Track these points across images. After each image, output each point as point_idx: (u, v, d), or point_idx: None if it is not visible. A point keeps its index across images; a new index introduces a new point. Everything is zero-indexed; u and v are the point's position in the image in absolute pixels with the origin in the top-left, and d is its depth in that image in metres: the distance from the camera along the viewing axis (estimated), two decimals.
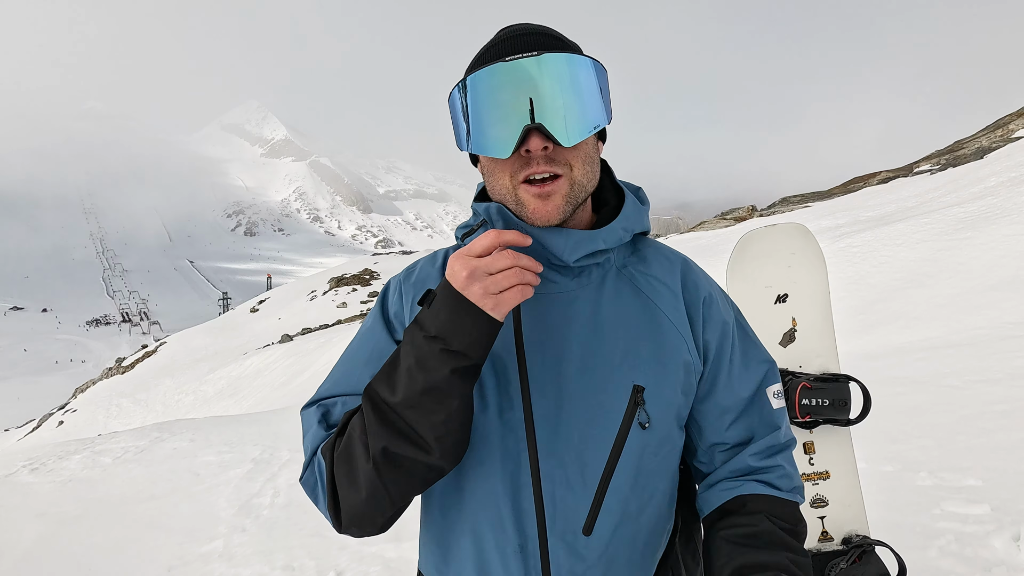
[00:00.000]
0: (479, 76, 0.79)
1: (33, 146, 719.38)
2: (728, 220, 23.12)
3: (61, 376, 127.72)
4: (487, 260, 0.74)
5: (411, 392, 0.74)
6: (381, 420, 0.75)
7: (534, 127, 0.77)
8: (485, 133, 0.80)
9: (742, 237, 1.63)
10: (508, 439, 0.82)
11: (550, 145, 0.79)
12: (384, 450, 0.74)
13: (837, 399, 1.47)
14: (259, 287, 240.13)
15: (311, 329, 25.84)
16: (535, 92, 0.77)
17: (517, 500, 0.82)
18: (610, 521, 0.83)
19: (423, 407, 0.74)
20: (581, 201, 0.85)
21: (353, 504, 0.77)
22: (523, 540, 0.82)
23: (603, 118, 0.82)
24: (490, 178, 0.86)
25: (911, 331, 7.19)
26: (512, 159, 0.81)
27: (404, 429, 0.75)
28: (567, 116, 0.78)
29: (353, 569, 3.32)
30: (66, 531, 4.28)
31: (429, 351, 0.74)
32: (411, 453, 0.75)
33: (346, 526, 0.79)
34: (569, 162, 0.81)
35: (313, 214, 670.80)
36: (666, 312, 0.88)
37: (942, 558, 2.52)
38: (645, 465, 0.84)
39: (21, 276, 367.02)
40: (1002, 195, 10.50)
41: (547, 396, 0.82)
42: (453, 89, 0.84)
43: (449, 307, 0.74)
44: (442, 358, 0.73)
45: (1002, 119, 23.58)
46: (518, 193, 0.82)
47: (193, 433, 7.34)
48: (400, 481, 0.76)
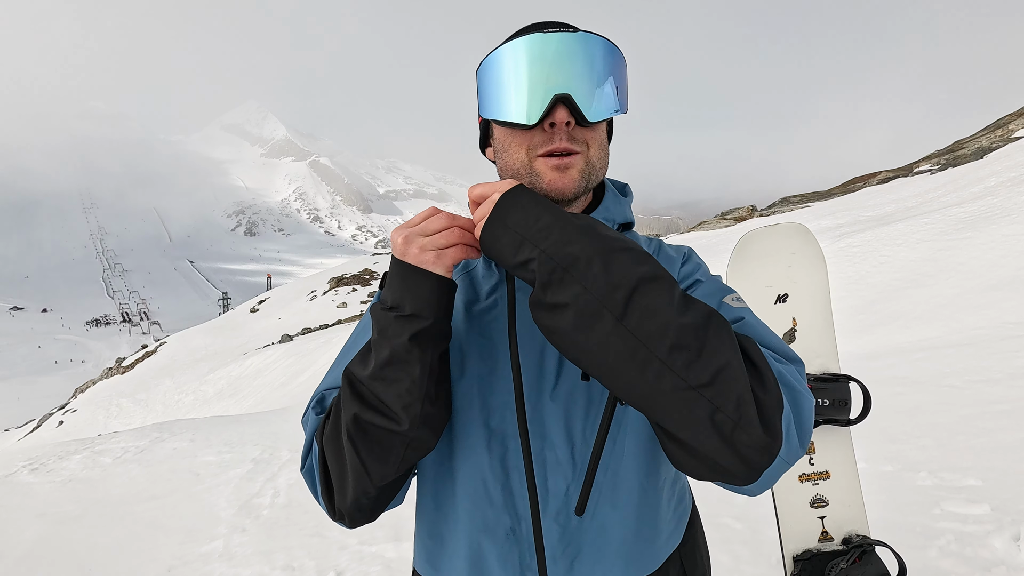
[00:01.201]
0: (515, 44, 0.81)
1: (33, 146, 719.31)
2: (728, 220, 23.13)
3: (61, 376, 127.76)
4: (421, 224, 0.77)
5: (377, 364, 0.76)
6: (353, 393, 0.77)
7: (562, 97, 0.78)
8: (513, 100, 0.81)
9: (742, 237, 1.62)
10: (497, 422, 0.83)
11: (572, 121, 0.80)
12: (355, 418, 0.75)
13: (837, 399, 1.47)
14: (259, 287, 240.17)
15: (311, 329, 25.85)
16: (568, 64, 0.79)
17: (507, 483, 0.82)
18: (603, 501, 0.82)
19: (387, 377, 0.75)
20: (592, 185, 0.86)
21: (341, 487, 0.79)
22: (515, 522, 0.82)
23: (623, 106, 0.85)
24: (504, 153, 0.86)
25: (911, 331, 7.20)
26: (532, 133, 0.82)
27: (373, 401, 0.76)
28: (595, 92, 0.80)
29: (353, 569, 3.32)
30: (66, 531, 4.28)
31: (387, 320, 0.76)
32: (381, 422, 0.75)
33: (337, 511, 0.81)
34: (587, 142, 0.83)
35: (313, 214, 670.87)
36: None
37: (942, 558, 2.52)
38: (635, 442, 0.84)
39: (21, 276, 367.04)
40: (1002, 195, 10.50)
41: (535, 378, 0.83)
42: (486, 57, 0.85)
43: (396, 275, 0.77)
44: (398, 324, 0.75)
45: (1002, 119, 23.59)
46: (534, 166, 0.83)
47: (193, 433, 7.34)
48: (375, 452, 0.76)
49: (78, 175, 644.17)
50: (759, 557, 2.79)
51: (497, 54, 0.83)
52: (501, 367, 0.84)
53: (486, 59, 0.85)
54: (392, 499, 0.85)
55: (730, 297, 0.85)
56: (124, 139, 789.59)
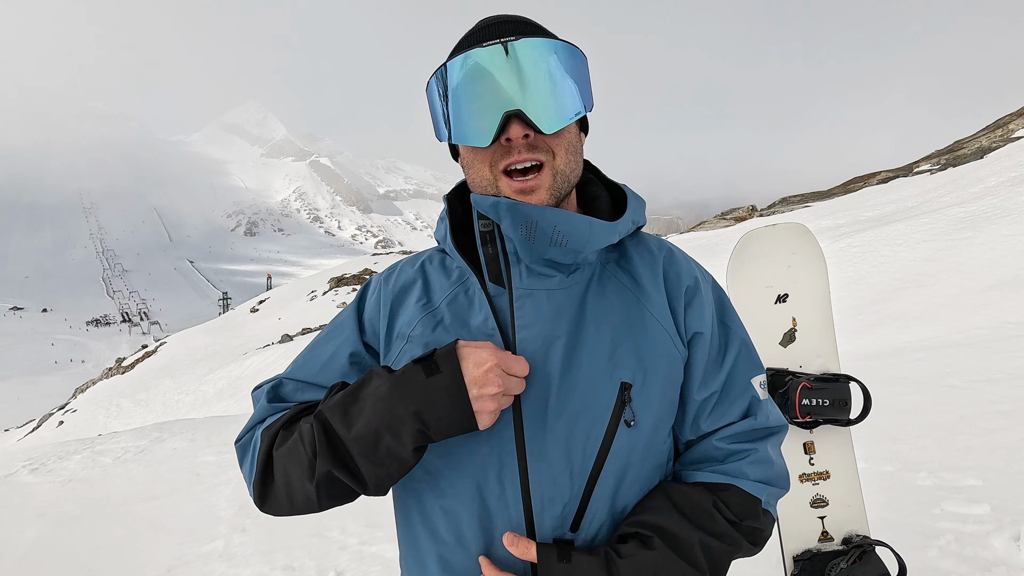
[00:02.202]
0: (455, 63, 0.78)
1: (34, 145, 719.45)
2: (728, 220, 23.13)
3: (61, 376, 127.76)
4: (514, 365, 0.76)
5: (368, 443, 0.74)
6: (331, 449, 0.75)
7: (514, 113, 0.75)
8: (464, 122, 0.78)
9: (742, 237, 1.62)
10: (495, 438, 0.81)
11: (531, 133, 0.78)
12: (328, 474, 0.76)
13: (837, 399, 1.47)
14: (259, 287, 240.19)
15: (311, 329, 25.84)
16: (514, 77, 0.75)
17: (503, 498, 0.81)
18: (599, 518, 0.82)
19: (375, 460, 0.75)
20: (565, 193, 0.83)
21: (279, 497, 0.82)
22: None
23: (583, 105, 0.81)
24: (470, 170, 0.84)
25: (911, 331, 7.20)
26: (492, 148, 0.79)
27: (350, 464, 0.76)
28: (547, 102, 0.76)
29: (353, 569, 3.32)
30: (66, 531, 4.28)
31: (406, 425, 0.73)
32: (351, 483, 0.76)
33: (266, 506, 0.84)
34: (552, 149, 0.80)
35: (313, 214, 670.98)
36: (649, 307, 0.86)
37: (942, 558, 2.52)
38: (634, 463, 0.83)
39: (21, 276, 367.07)
40: (1002, 195, 10.51)
41: (534, 395, 0.81)
42: (430, 78, 0.82)
43: (448, 391, 0.73)
44: (412, 434, 0.73)
45: (1002, 119, 23.58)
46: (499, 186, 0.81)
47: (193, 433, 7.34)
48: (333, 498, 0.80)
49: (78, 175, 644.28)
50: (759, 557, 2.78)
51: (439, 76, 0.80)
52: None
53: (429, 81, 0.82)
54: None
55: (757, 379, 0.91)
56: (124, 139, 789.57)
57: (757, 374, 0.91)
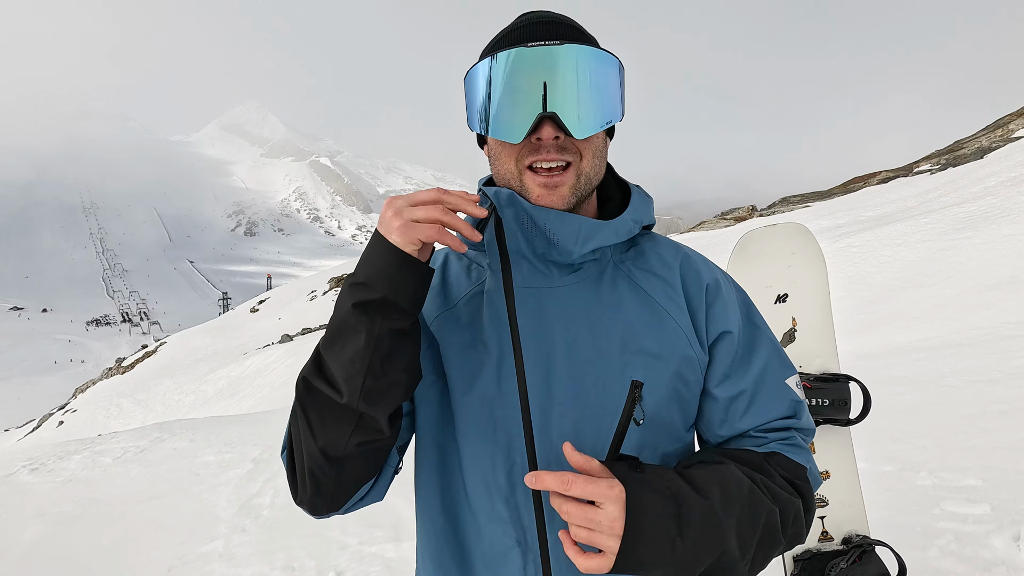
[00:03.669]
0: (499, 59, 0.79)
1: (33, 145, 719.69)
2: (728, 220, 23.13)
3: (61, 376, 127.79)
4: (412, 194, 0.75)
5: (328, 332, 0.77)
6: (311, 360, 0.78)
7: (547, 115, 0.77)
8: (499, 116, 0.80)
9: (742, 237, 1.63)
10: (504, 436, 0.82)
11: (561, 135, 0.80)
12: (304, 381, 0.77)
13: (837, 399, 1.47)
14: (259, 287, 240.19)
15: (311, 329, 25.83)
16: (553, 80, 0.77)
17: (513, 495, 0.81)
18: None
19: (334, 347, 0.75)
20: (587, 194, 0.85)
21: (299, 463, 0.80)
22: (520, 535, 0.82)
23: (617, 114, 0.83)
24: (496, 161, 0.87)
25: (911, 331, 7.20)
26: (521, 144, 0.81)
27: (322, 366, 0.77)
28: (582, 108, 0.79)
29: (353, 569, 3.32)
30: (66, 531, 4.28)
31: (343, 287, 0.77)
32: (325, 390, 0.76)
33: (300, 495, 0.81)
34: (580, 151, 0.82)
35: (313, 214, 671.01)
36: (664, 306, 0.86)
37: (942, 558, 2.52)
38: (650, 456, 0.82)
39: (21, 276, 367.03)
40: (1002, 195, 10.51)
41: (543, 394, 0.81)
42: (471, 68, 0.84)
43: (369, 242, 0.77)
44: (348, 292, 0.75)
45: (1002, 119, 23.59)
46: (523, 179, 0.83)
47: (193, 433, 7.34)
48: (320, 419, 0.76)
49: (78, 175, 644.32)
50: None
51: (481, 68, 0.82)
52: (508, 383, 0.82)
53: (471, 71, 0.84)
54: (358, 491, 0.84)
55: (792, 379, 0.90)
56: (124, 139, 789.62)
57: (790, 375, 0.91)
